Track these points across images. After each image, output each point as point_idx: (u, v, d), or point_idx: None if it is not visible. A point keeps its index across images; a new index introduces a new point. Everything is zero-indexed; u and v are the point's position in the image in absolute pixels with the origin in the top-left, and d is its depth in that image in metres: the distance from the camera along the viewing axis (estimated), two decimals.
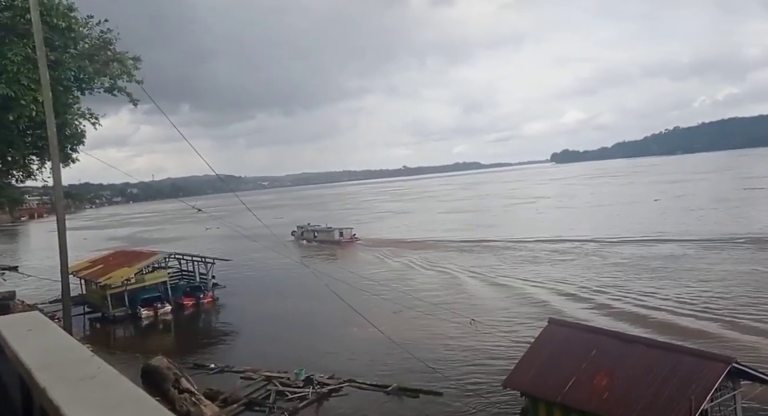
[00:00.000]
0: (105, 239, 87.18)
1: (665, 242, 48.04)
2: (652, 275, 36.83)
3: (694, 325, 26.18)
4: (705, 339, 23.23)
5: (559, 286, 35.96)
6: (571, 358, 14.55)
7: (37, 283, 42.36)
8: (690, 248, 44.61)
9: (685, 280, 34.64)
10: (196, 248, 49.84)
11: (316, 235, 70.23)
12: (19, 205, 79.98)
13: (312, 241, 69.75)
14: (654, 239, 50.34)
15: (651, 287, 33.68)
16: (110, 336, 34.13)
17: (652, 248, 46.44)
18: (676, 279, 35.06)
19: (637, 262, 41.34)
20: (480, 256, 49.79)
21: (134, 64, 17.56)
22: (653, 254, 43.91)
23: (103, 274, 36.69)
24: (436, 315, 30.01)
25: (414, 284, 39.77)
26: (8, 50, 13.49)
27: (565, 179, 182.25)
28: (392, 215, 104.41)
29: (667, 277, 35.95)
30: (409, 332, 27.54)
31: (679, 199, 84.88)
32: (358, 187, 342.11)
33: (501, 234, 60.98)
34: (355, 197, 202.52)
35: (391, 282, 40.14)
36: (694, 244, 45.76)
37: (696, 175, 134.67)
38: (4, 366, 1.78)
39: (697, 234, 50.16)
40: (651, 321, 27.13)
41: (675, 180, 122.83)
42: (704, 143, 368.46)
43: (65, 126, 16.94)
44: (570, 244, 51.56)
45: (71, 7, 15.44)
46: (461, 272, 42.66)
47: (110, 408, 0.98)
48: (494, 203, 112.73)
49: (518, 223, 72.60)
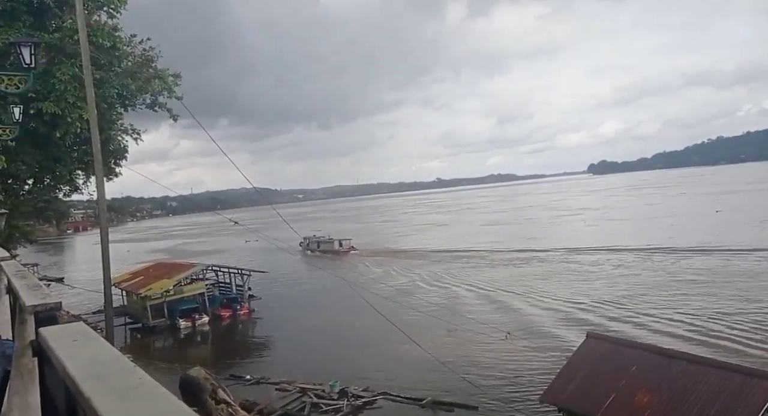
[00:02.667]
0: (147, 252, 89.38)
1: (742, 254, 44.71)
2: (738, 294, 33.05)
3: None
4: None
5: (629, 305, 33.04)
6: (610, 374, 14.15)
7: (81, 294, 43.73)
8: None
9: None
10: (235, 260, 50.69)
11: (319, 245, 76.59)
12: (65, 218, 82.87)
13: (315, 251, 76.07)
14: (730, 249, 47.13)
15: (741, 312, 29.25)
16: (150, 346, 34.88)
17: (730, 260, 43.10)
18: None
19: (719, 276, 37.97)
20: (530, 268, 48.89)
21: (174, 80, 18.15)
22: (733, 266, 40.86)
23: (144, 285, 37.64)
24: (472, 328, 29.75)
25: (453, 297, 39.41)
26: (57, 70, 14.06)
27: (609, 190, 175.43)
28: (432, 227, 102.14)
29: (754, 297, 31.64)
30: (448, 347, 27.29)
31: (741, 210, 78.20)
32: (393, 199, 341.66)
33: (552, 245, 59.54)
34: (392, 209, 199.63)
35: (430, 296, 39.93)
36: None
37: (750, 185, 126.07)
38: (51, 375, 1.84)
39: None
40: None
41: (729, 191, 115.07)
42: (750, 153, 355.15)
43: (109, 142, 17.58)
44: (633, 254, 49.50)
45: (116, 28, 16.06)
46: (508, 283, 42.33)
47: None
48: (539, 214, 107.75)
49: (571, 235, 69.06)
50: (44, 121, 14.48)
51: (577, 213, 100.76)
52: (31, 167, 16.82)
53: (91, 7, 15.00)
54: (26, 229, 29.80)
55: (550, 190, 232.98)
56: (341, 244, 72.55)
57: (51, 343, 1.72)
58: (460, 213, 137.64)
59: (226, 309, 39.21)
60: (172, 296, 37.43)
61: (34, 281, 3.81)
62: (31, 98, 13.54)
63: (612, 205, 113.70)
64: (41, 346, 1.96)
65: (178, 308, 37.17)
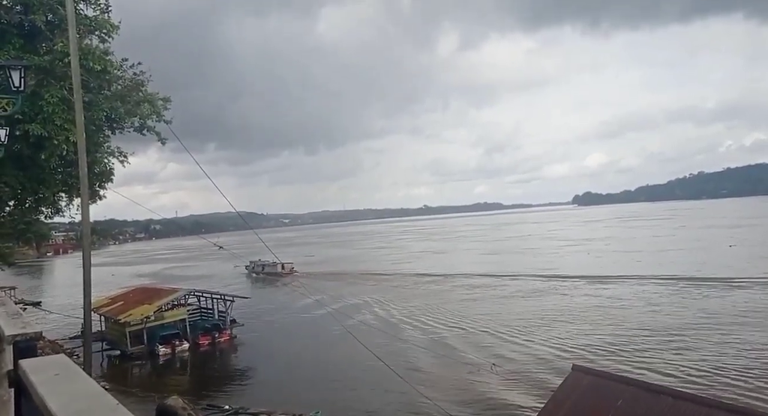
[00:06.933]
0: (132, 276, 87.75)
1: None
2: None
3: None
4: None
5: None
6: (596, 408, 14.03)
7: (58, 318, 42.81)
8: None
9: None
10: (220, 286, 49.91)
11: (264, 268, 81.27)
12: (46, 240, 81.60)
13: (260, 273, 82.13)
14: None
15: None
16: (128, 373, 34.02)
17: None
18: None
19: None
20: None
21: (164, 104, 18.16)
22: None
23: (123, 311, 36.87)
24: (457, 358, 29.50)
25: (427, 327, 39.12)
26: (45, 92, 14.01)
27: (603, 222, 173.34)
28: (431, 254, 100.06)
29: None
30: (435, 377, 27.00)
31: (754, 244, 75.02)
32: (381, 226, 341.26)
33: (572, 271, 58.82)
34: (383, 235, 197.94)
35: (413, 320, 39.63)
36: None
37: (748, 220, 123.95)
38: (29, 409, 1.79)
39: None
40: None
41: (730, 225, 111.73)
42: (730, 189, 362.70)
43: (95, 164, 17.42)
44: (666, 286, 47.76)
45: (107, 51, 16.10)
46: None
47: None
48: (541, 244, 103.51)
49: (596, 264, 65.79)
50: (30, 143, 14.34)
51: (581, 243, 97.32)
52: (14, 189, 16.57)
53: (83, 31, 15.06)
54: (5, 251, 29.23)
55: (541, 219, 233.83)
56: (284, 267, 75.18)
57: (32, 377, 1.67)
58: (455, 241, 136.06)
59: (207, 336, 38.52)
60: (152, 322, 36.71)
61: (14, 308, 3.72)
62: (17, 120, 13.43)
63: (615, 236, 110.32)
64: (20, 378, 1.90)
65: (158, 334, 36.43)
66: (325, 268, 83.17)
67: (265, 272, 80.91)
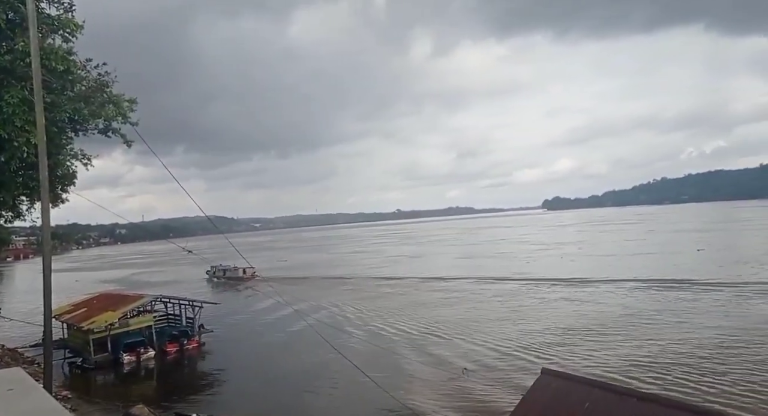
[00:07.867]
0: (97, 282, 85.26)
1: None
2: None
3: None
4: None
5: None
6: (564, 411, 14.18)
7: (19, 326, 41.43)
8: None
9: None
10: (184, 291, 48.96)
11: (225, 273, 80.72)
12: (5, 245, 78.97)
13: (221, 278, 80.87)
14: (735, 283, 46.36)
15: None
16: (91, 382, 33.05)
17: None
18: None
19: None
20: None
21: (130, 106, 17.74)
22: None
23: (86, 318, 35.79)
24: (432, 362, 29.55)
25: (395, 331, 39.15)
26: (5, 92, 13.58)
27: (573, 226, 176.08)
28: (408, 259, 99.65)
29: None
30: (408, 379, 26.97)
31: (720, 248, 76.77)
32: (354, 230, 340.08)
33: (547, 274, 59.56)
34: (357, 239, 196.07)
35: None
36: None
37: (713, 225, 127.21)
38: None
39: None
40: None
41: (696, 230, 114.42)
42: (691, 194, 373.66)
43: (57, 167, 16.96)
44: (654, 287, 48.31)
45: (71, 51, 15.69)
46: None
47: None
48: (515, 248, 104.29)
49: (576, 268, 65.78)
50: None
51: (554, 247, 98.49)
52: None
53: (45, 30, 14.65)
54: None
55: (513, 223, 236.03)
56: (245, 271, 74.87)
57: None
58: (430, 245, 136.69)
59: (175, 343, 37.74)
60: (116, 330, 35.78)
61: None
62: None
63: (587, 240, 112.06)
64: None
65: (122, 341, 35.48)
66: (297, 273, 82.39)
67: (226, 276, 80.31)
